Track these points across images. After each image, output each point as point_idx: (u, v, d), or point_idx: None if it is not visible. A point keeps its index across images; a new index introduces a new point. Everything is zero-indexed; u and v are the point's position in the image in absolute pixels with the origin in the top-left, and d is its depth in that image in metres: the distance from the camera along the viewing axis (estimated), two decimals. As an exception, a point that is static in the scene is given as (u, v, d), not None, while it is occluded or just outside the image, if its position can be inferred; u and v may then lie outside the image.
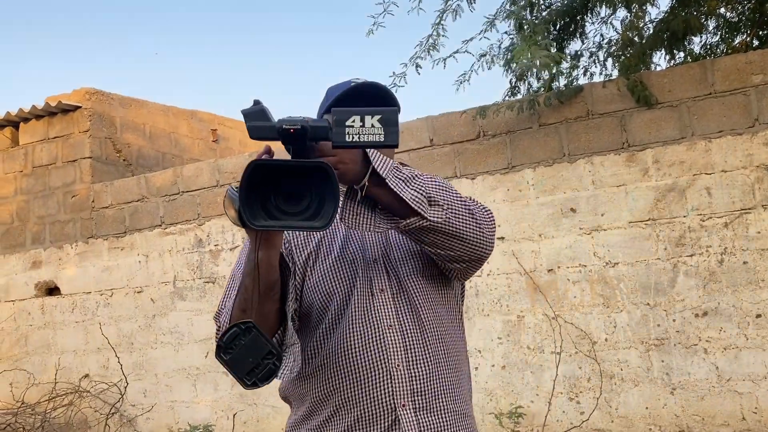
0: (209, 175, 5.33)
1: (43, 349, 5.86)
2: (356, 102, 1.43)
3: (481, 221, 1.28)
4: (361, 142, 1.02)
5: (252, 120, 1.04)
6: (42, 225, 6.04)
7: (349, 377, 1.28)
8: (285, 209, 1.02)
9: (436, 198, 1.22)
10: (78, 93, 6.05)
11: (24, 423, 5.35)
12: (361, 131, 1.02)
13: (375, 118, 1.02)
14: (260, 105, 1.05)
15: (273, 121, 1.04)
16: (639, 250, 3.95)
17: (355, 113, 1.02)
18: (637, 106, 4.01)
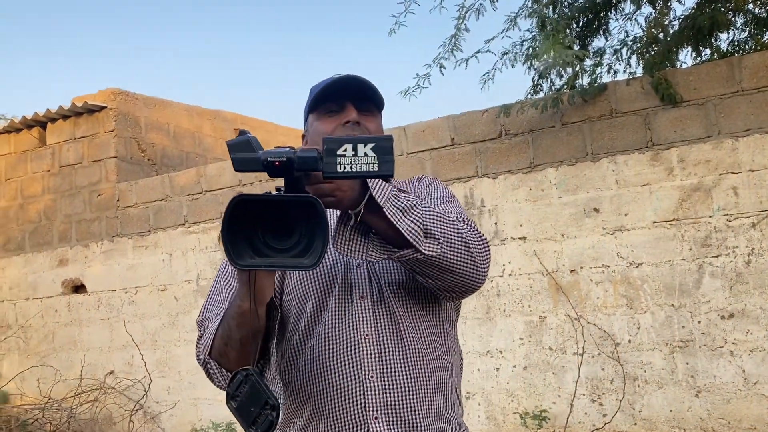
0: (231, 174, 5.37)
1: (69, 345, 5.96)
2: (339, 97, 1.43)
3: (476, 255, 1.23)
4: (354, 173, 0.97)
5: (236, 151, 1.00)
6: (68, 223, 6.13)
7: (321, 387, 1.26)
8: (273, 245, 0.98)
9: (433, 231, 1.17)
10: (103, 93, 6.13)
11: (51, 418, 5.44)
12: (354, 161, 0.97)
13: (368, 147, 0.97)
14: (246, 135, 1.01)
15: (258, 153, 0.99)
16: (663, 250, 3.89)
17: (347, 141, 0.98)
18: (661, 104, 3.94)
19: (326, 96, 1.41)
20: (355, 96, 1.42)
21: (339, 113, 1.41)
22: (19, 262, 6.34)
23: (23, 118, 6.35)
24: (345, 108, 1.40)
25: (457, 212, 1.33)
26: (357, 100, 1.42)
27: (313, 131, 1.46)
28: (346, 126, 1.39)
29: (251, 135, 1.02)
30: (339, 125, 1.40)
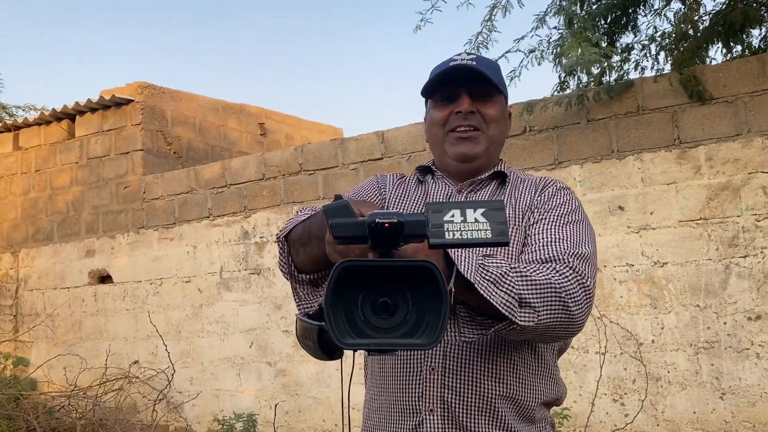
0: (255, 168, 5.40)
1: (95, 335, 6.06)
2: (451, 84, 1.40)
3: (576, 313, 1.14)
4: (464, 240, 0.85)
5: (335, 216, 0.88)
6: (95, 215, 6.23)
7: (388, 371, 1.29)
8: (375, 324, 0.84)
9: (528, 299, 1.09)
10: (131, 87, 6.21)
11: (76, 406, 5.55)
12: (463, 227, 0.86)
13: (478, 212, 0.86)
14: (343, 200, 0.91)
15: (360, 219, 0.87)
16: (689, 250, 3.84)
17: (454, 207, 0.87)
18: (690, 101, 3.88)
19: (439, 83, 1.40)
20: (469, 83, 1.39)
21: (452, 101, 1.39)
22: (48, 252, 6.46)
23: (53, 110, 6.46)
24: (458, 96, 1.39)
25: (572, 242, 1.24)
26: (471, 86, 1.38)
27: (429, 119, 1.47)
28: (458, 116, 1.38)
29: (346, 198, 0.93)
30: (452, 113, 1.39)
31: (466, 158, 1.40)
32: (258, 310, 5.24)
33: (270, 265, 5.20)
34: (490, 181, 1.44)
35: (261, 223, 5.32)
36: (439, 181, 1.47)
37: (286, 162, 5.27)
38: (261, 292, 5.24)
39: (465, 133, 1.38)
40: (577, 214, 1.31)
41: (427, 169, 1.52)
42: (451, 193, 1.44)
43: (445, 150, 1.43)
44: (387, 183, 1.52)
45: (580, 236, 1.25)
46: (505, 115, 1.46)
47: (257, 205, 5.35)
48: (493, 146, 1.43)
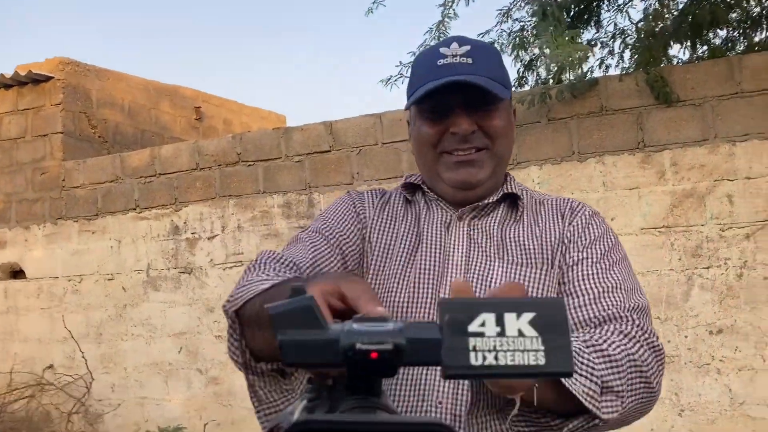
0: (188, 156, 4.95)
1: (4, 335, 5.49)
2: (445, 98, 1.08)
3: (656, 387, 0.95)
4: (500, 369, 0.50)
5: (287, 326, 0.53)
6: (8, 203, 5.64)
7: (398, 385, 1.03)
8: None
9: (611, 383, 0.87)
10: (51, 62, 5.62)
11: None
12: (500, 345, 0.50)
13: (524, 319, 0.51)
14: (304, 296, 0.55)
15: (331, 331, 0.53)
16: (651, 259, 3.65)
17: (486, 308, 0.51)
18: (656, 102, 3.69)
19: (428, 95, 1.08)
20: (467, 98, 1.08)
21: (447, 116, 1.09)
22: (-48, 242, 5.82)
23: (-40, 85, 5.79)
24: (452, 110, 1.09)
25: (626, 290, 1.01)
26: (471, 100, 1.08)
27: (415, 132, 1.15)
28: (455, 137, 1.08)
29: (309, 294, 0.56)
30: (447, 133, 1.09)
31: (468, 186, 1.12)
32: (188, 312, 4.81)
33: (202, 264, 4.78)
34: (497, 205, 1.16)
35: (193, 218, 4.88)
36: (433, 204, 1.17)
37: (223, 151, 4.85)
38: (192, 293, 4.81)
39: (465, 155, 1.10)
40: (619, 250, 1.11)
41: (416, 187, 1.21)
42: (450, 220, 1.14)
43: (438, 174, 1.13)
44: (366, 205, 1.20)
45: (631, 280, 1.05)
46: (512, 120, 1.17)
47: (189, 198, 4.91)
48: (501, 165, 1.15)
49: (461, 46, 1.11)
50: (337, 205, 1.21)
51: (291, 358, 0.52)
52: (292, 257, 1.08)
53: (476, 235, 1.12)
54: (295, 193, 4.57)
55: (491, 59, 1.13)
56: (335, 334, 0.52)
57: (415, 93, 1.10)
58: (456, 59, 1.08)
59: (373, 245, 1.15)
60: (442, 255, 1.11)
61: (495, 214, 1.16)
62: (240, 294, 0.93)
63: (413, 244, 1.13)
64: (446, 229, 1.14)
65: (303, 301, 0.54)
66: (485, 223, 1.15)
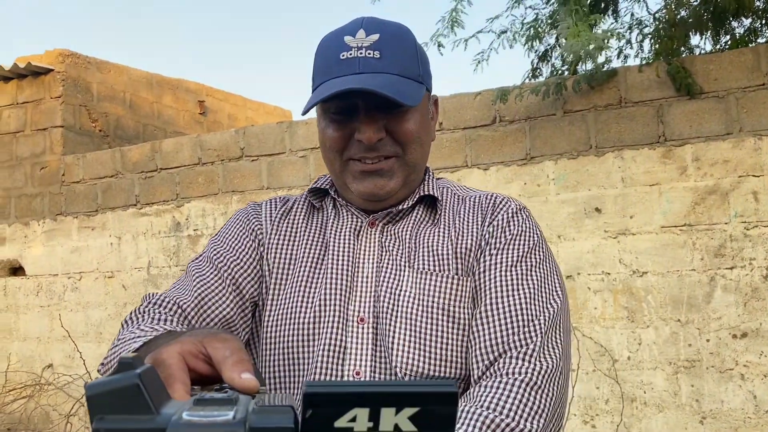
0: (190, 151, 4.81)
1: (3, 333, 5.37)
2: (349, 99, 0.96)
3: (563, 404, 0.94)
4: None
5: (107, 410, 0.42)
6: (7, 198, 5.51)
7: None
8: None
9: None
10: (51, 54, 5.49)
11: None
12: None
13: (405, 414, 0.41)
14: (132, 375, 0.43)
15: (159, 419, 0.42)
16: (671, 258, 3.49)
17: (359, 399, 0.41)
18: (677, 94, 3.52)
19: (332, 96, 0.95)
20: (373, 100, 0.96)
21: (353, 119, 0.97)
22: (-49, 238, 5.70)
23: (-42, 77, 5.67)
24: (360, 115, 0.96)
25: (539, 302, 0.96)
26: (378, 103, 0.96)
27: (320, 134, 1.04)
28: (361, 144, 0.97)
29: (144, 367, 0.45)
30: (353, 138, 0.98)
31: (376, 198, 1.01)
32: (190, 311, 4.67)
33: (204, 262, 4.63)
34: (413, 208, 1.06)
35: (195, 214, 4.74)
36: (343, 209, 1.06)
37: (226, 145, 4.70)
38: (194, 291, 4.67)
39: (372, 164, 0.98)
40: (541, 250, 1.01)
41: (325, 192, 1.10)
42: (360, 227, 1.04)
43: (345, 183, 1.02)
44: (264, 219, 1.08)
45: (548, 285, 0.98)
46: (427, 118, 1.04)
47: (191, 194, 4.77)
48: (415, 172, 1.03)
49: (368, 34, 0.97)
50: (231, 225, 1.10)
51: None
52: (176, 298, 0.98)
53: (388, 243, 1.03)
54: (299, 189, 4.42)
55: (403, 51, 0.99)
56: (161, 423, 0.41)
57: (316, 91, 0.98)
58: (362, 52, 0.95)
59: (271, 264, 1.04)
60: (351, 266, 1.01)
61: (410, 218, 1.06)
62: (110, 357, 0.85)
63: (317, 257, 1.03)
64: (356, 237, 1.04)
65: (128, 380, 0.43)
66: (399, 228, 1.05)
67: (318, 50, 1.03)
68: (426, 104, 1.05)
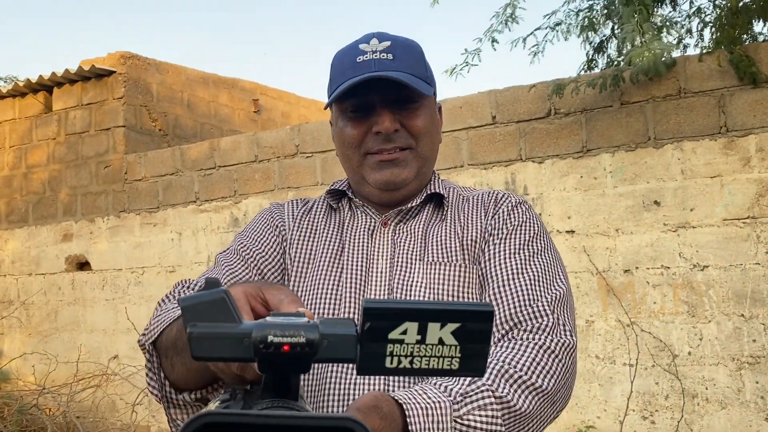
0: (247, 149, 4.93)
1: (72, 326, 5.62)
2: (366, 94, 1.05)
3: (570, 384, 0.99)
4: (414, 371, 0.50)
5: (198, 318, 0.50)
6: (74, 196, 5.75)
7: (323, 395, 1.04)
8: None
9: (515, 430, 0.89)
10: (113, 57, 5.70)
11: (49, 404, 5.12)
12: (418, 351, 0.50)
13: (448, 329, 0.50)
14: (218, 290, 0.52)
15: (242, 324, 0.50)
16: (734, 252, 3.40)
17: (411, 314, 0.49)
18: (740, 84, 3.42)
19: (350, 91, 1.04)
20: (391, 93, 1.05)
21: (369, 115, 1.07)
22: (22, 235, 5.98)
23: (27, 80, 5.94)
24: (374, 108, 1.06)
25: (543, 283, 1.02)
26: (391, 94, 1.05)
27: (337, 133, 1.12)
28: (378, 137, 1.06)
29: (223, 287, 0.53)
30: (370, 132, 1.06)
31: (392, 186, 1.09)
32: (248, 304, 4.79)
33: (262, 257, 4.75)
34: (422, 207, 1.13)
35: (252, 210, 4.85)
36: (358, 210, 1.15)
37: (282, 143, 4.80)
38: (251, 285, 4.79)
39: (389, 155, 1.07)
40: (542, 240, 1.08)
41: (342, 193, 1.18)
42: (374, 226, 1.12)
43: (363, 177, 1.11)
44: (286, 217, 1.17)
45: (551, 270, 1.05)
46: (436, 119, 1.13)
47: (249, 190, 4.88)
48: (426, 165, 1.12)
49: (381, 41, 1.07)
50: (256, 221, 1.19)
51: (200, 351, 0.50)
52: None
53: (400, 240, 1.11)
54: (353, 185, 4.47)
55: (413, 55, 1.09)
56: (248, 327, 0.49)
57: (336, 91, 1.06)
58: (376, 55, 1.05)
59: (293, 258, 1.13)
60: (366, 262, 1.09)
61: (420, 217, 1.14)
62: (154, 326, 0.91)
63: (335, 253, 1.11)
64: (370, 236, 1.12)
65: (215, 294, 0.52)
66: (410, 226, 1.13)
67: (334, 61, 1.13)
68: (434, 105, 1.15)
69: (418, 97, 1.08)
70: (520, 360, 0.92)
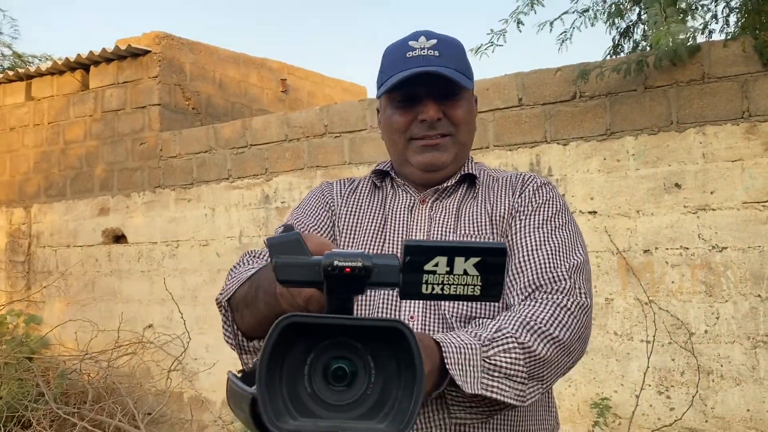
0: (278, 128, 5.08)
1: (109, 296, 5.86)
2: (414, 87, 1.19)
3: (580, 355, 1.10)
4: (444, 296, 0.68)
5: (281, 252, 0.68)
6: (110, 171, 5.97)
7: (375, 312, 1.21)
8: (325, 398, 0.63)
9: (535, 373, 1.01)
10: (148, 37, 5.87)
11: (89, 369, 5.38)
12: (447, 280, 0.67)
13: (470, 262, 0.67)
14: (294, 233, 0.70)
15: (315, 257, 0.67)
16: (753, 234, 3.49)
17: (441, 252, 0.66)
18: (763, 69, 3.49)
19: (401, 83, 1.19)
20: (436, 86, 1.20)
21: (415, 105, 1.21)
22: (60, 208, 6.23)
23: (66, 59, 6.13)
24: (420, 99, 1.20)
25: (564, 253, 1.14)
26: (438, 90, 1.20)
27: (386, 121, 1.27)
28: (423, 124, 1.20)
29: (297, 231, 0.71)
30: (415, 121, 1.21)
31: (433, 168, 1.24)
32: (278, 278, 4.98)
33: (292, 232, 4.92)
34: (457, 186, 1.28)
35: (283, 188, 5.02)
36: (399, 189, 1.30)
37: (311, 123, 4.94)
38: (281, 259, 4.97)
39: (432, 140, 1.22)
40: (564, 216, 1.21)
41: (385, 173, 1.34)
42: (413, 203, 1.26)
43: (407, 159, 1.26)
44: (334, 194, 1.33)
45: (571, 242, 1.17)
46: (474, 110, 1.28)
47: (279, 168, 5.05)
48: (463, 150, 1.27)
49: (428, 39, 1.20)
50: (309, 198, 1.34)
51: (283, 275, 0.68)
52: None
53: (436, 216, 1.24)
54: (381, 164, 4.61)
55: (456, 52, 1.23)
56: (318, 258, 0.66)
57: (387, 82, 1.20)
58: (424, 51, 1.18)
59: (340, 230, 1.26)
60: (406, 235, 1.22)
61: (455, 196, 1.27)
62: (229, 286, 1.10)
63: (379, 226, 1.25)
64: (410, 212, 1.25)
65: (292, 235, 0.69)
66: (445, 203, 1.26)
67: (385, 55, 1.28)
68: (472, 98, 1.29)
69: (460, 90, 1.21)
70: (540, 315, 1.04)
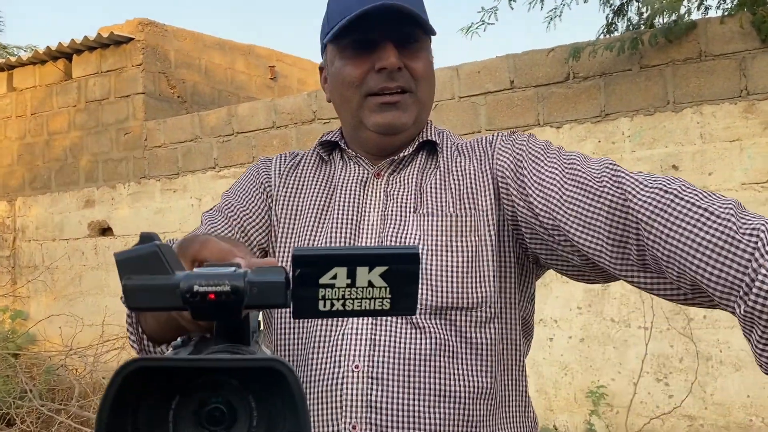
0: (265, 115, 4.96)
1: (96, 290, 5.75)
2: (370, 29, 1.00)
3: None
4: (347, 312, 0.54)
5: (133, 272, 0.53)
6: (95, 162, 5.84)
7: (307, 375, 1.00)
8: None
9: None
10: (131, 24, 5.72)
11: (75, 364, 5.27)
12: (349, 294, 0.53)
13: (377, 272, 0.52)
14: (152, 243, 0.54)
15: (174, 276, 0.52)
16: (752, 216, 3.40)
17: (339, 260, 0.52)
18: (762, 46, 3.38)
19: (352, 27, 1.00)
20: (395, 29, 1.01)
21: (371, 52, 1.02)
22: (46, 201, 6.10)
23: (47, 48, 5.98)
24: (380, 46, 1.01)
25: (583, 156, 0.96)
26: (397, 34, 1.01)
27: (335, 75, 1.07)
28: (381, 74, 1.01)
29: (160, 241, 0.56)
30: (372, 71, 1.02)
31: (393, 130, 1.06)
32: (267, 269, 4.88)
33: (280, 222, 4.81)
34: (415, 155, 1.10)
35: (271, 176, 4.90)
36: (351, 162, 1.11)
37: (299, 109, 4.82)
38: (270, 249, 4.87)
39: (391, 97, 1.03)
40: (551, 144, 1.02)
41: (334, 144, 1.15)
42: (367, 177, 1.09)
43: (362, 120, 1.06)
44: (273, 173, 1.14)
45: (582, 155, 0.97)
46: (433, 64, 1.09)
47: (267, 156, 4.92)
48: (424, 111, 1.09)
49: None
50: (243, 179, 1.17)
51: (134, 302, 0.53)
52: None
53: (393, 191, 1.07)
54: (371, 150, 4.50)
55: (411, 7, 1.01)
56: (178, 278, 0.51)
57: (336, 26, 1.01)
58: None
59: (279, 215, 1.11)
60: (357, 215, 1.06)
61: (413, 165, 1.10)
62: None
63: (323, 206, 1.09)
64: (362, 187, 1.09)
65: (148, 248, 0.53)
66: (404, 176, 1.09)
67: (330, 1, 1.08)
68: (431, 54, 1.10)
69: (421, 37, 1.04)
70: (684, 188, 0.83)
